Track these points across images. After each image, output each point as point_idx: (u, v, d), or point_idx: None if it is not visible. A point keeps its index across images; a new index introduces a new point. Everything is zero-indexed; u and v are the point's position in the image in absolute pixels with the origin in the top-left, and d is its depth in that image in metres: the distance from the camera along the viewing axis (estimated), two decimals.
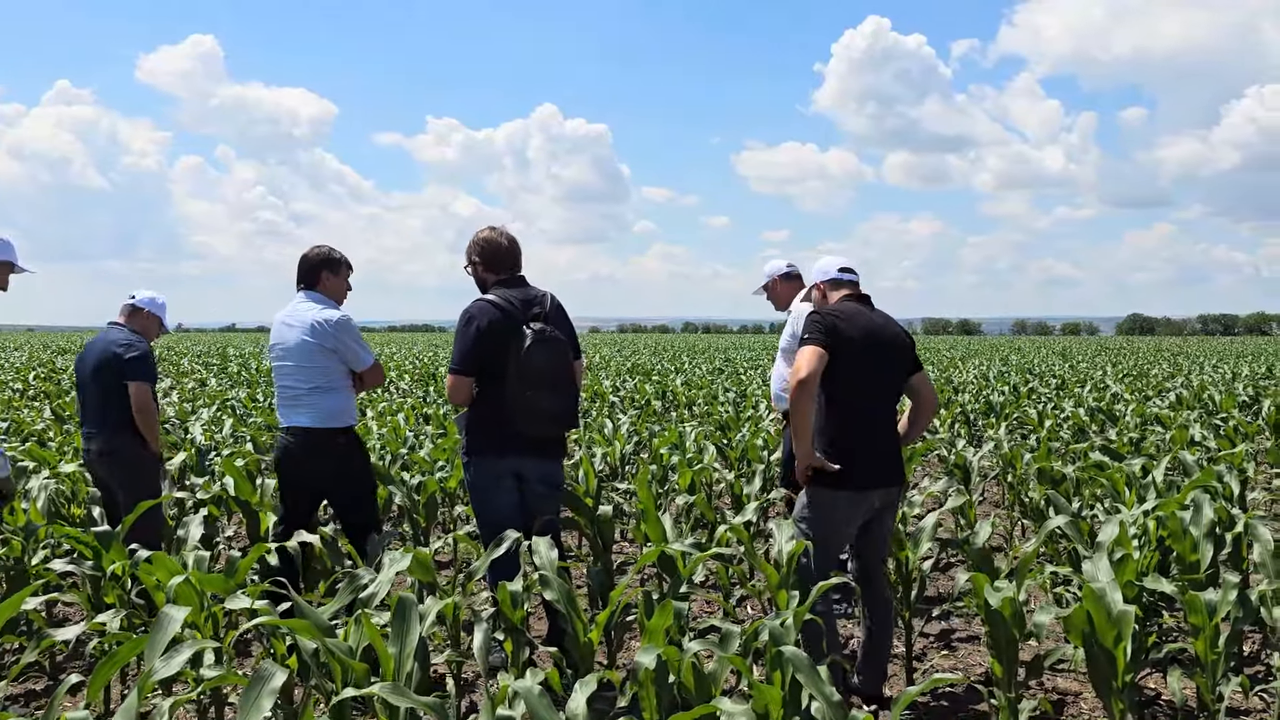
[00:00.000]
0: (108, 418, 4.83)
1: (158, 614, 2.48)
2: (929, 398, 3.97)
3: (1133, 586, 3.47)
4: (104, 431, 4.84)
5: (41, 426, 9.32)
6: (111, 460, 4.85)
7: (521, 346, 4.01)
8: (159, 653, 2.30)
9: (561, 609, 3.21)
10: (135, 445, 4.84)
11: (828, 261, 4.01)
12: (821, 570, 3.66)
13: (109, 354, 4.84)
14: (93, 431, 4.90)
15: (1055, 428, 9.62)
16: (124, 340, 4.89)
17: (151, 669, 2.26)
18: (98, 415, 4.88)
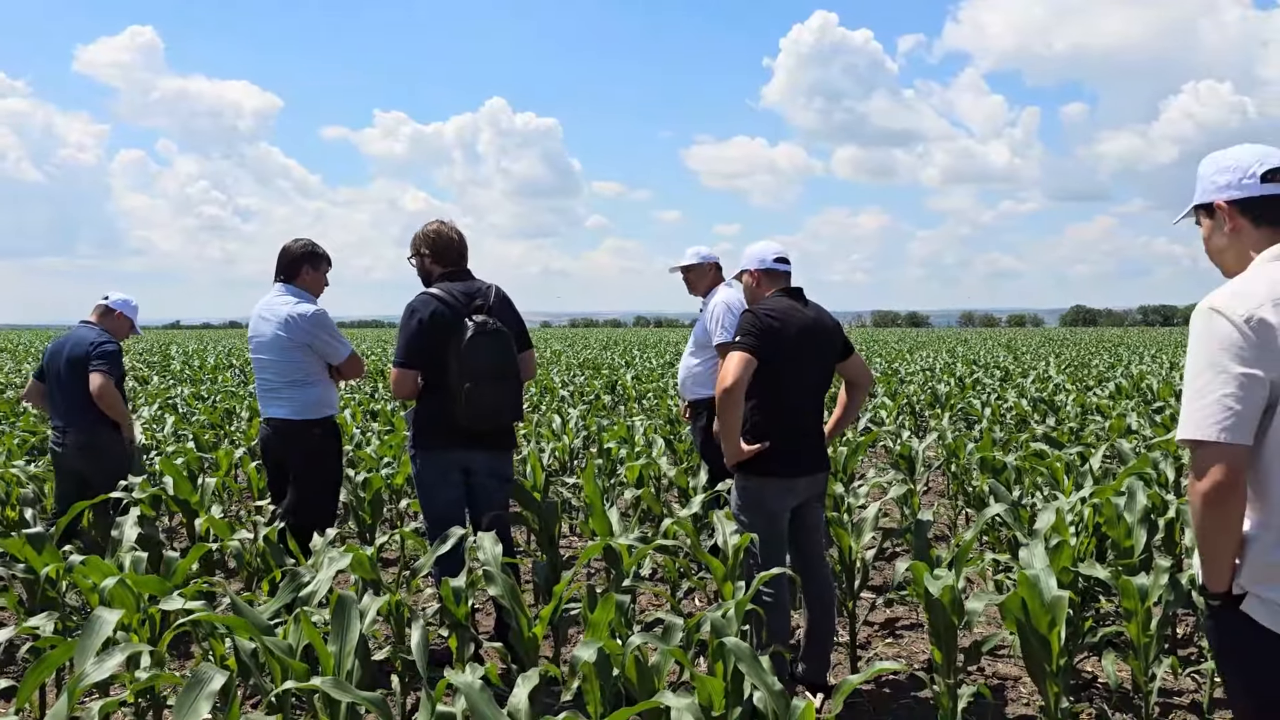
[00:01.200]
0: (85, 412, 4.99)
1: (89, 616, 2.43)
2: (862, 378, 4.02)
3: (1069, 572, 3.55)
4: (81, 425, 5.01)
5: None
6: (89, 452, 5.02)
7: (463, 339, 3.99)
8: (90, 656, 2.25)
9: (506, 604, 3.20)
10: (112, 437, 5.05)
11: (763, 247, 3.95)
12: (763, 560, 3.69)
13: (81, 350, 5.02)
14: (67, 425, 5.06)
15: (998, 418, 9.78)
16: (94, 339, 5.06)
17: (82, 673, 2.22)
18: (74, 410, 5.03)
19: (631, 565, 3.30)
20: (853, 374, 4.02)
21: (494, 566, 3.26)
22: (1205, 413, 1.91)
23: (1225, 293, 1.98)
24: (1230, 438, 1.88)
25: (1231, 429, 1.88)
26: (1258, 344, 1.88)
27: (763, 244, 3.98)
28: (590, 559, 5.39)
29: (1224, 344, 1.91)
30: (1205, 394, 1.92)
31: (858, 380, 4.04)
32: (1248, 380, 1.88)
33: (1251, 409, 1.89)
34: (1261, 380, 1.88)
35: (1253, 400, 1.88)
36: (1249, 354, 1.88)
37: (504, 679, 3.16)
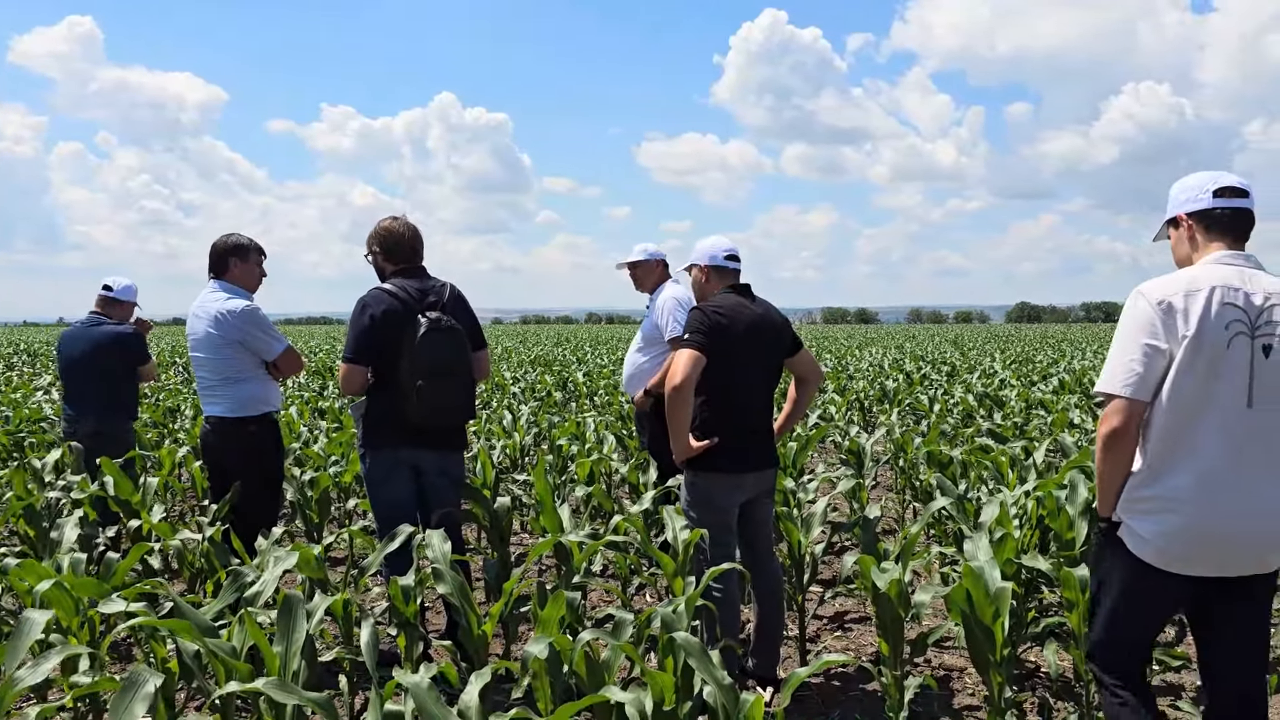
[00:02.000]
0: (102, 400, 5.43)
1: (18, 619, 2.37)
2: (811, 374, 4.03)
3: (1012, 564, 3.61)
4: (95, 413, 5.42)
5: None
6: (101, 440, 5.33)
7: (415, 335, 3.95)
8: (19, 659, 2.19)
9: (455, 602, 3.18)
10: (121, 426, 5.48)
11: (714, 243, 3.94)
12: (713, 556, 3.71)
13: (105, 344, 5.42)
14: (81, 414, 5.45)
15: (945, 413, 9.92)
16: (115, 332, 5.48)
17: (14, 677, 2.16)
18: (87, 398, 5.44)
19: (582, 562, 3.30)
20: (802, 370, 4.04)
21: (443, 564, 3.23)
22: (1117, 372, 2.39)
23: (1154, 280, 2.43)
24: (1132, 393, 2.37)
25: (1134, 387, 2.36)
26: (1163, 322, 2.34)
27: (713, 239, 3.98)
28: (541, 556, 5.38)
29: (1139, 320, 2.38)
30: (1119, 357, 2.40)
31: (807, 376, 4.07)
32: (1152, 350, 2.35)
33: (1152, 373, 2.35)
34: (1162, 351, 2.34)
35: (1154, 366, 2.35)
36: (1155, 329, 2.35)
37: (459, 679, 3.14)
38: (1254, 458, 2.34)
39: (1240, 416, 2.33)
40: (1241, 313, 2.33)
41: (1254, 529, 2.36)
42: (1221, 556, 2.39)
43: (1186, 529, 2.36)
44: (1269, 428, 2.34)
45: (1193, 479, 2.35)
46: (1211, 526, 2.35)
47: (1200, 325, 2.32)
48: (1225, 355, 2.32)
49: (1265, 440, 2.35)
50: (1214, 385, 2.33)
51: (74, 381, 5.54)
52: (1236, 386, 2.33)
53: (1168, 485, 2.38)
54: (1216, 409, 2.33)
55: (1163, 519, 2.39)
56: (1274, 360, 2.33)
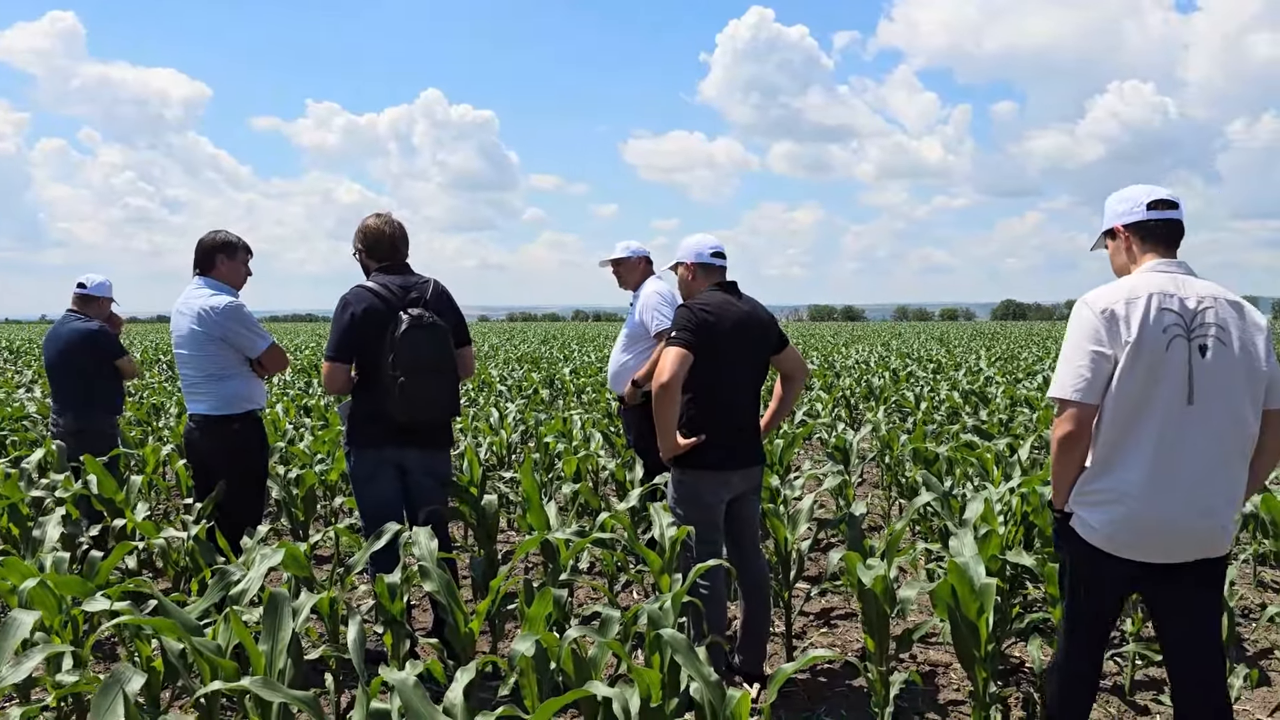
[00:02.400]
0: (78, 398, 5.49)
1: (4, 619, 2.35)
2: (797, 370, 4.04)
3: (997, 560, 3.63)
4: (74, 410, 5.49)
5: None
6: (82, 436, 5.38)
7: (397, 332, 3.94)
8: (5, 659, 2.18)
9: (442, 600, 3.18)
10: (102, 422, 5.52)
11: (700, 241, 3.94)
12: (699, 553, 3.72)
13: (74, 341, 5.47)
14: (62, 412, 5.54)
15: (931, 410, 9.96)
16: (84, 329, 5.51)
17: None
18: (69, 396, 5.51)
19: (568, 559, 3.30)
20: (788, 367, 4.05)
21: (430, 562, 3.23)
22: (1067, 379, 2.56)
23: (1096, 290, 2.62)
24: (1082, 398, 2.53)
25: (1083, 391, 2.53)
26: (1107, 329, 2.52)
27: (699, 237, 3.99)
28: (527, 554, 5.38)
29: (1085, 328, 2.56)
30: (1069, 364, 2.57)
31: (793, 373, 4.08)
32: (1098, 356, 2.51)
33: (1100, 378, 2.52)
34: (1108, 356, 2.51)
35: (1101, 371, 2.52)
36: (1100, 336, 2.52)
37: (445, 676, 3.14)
38: (1196, 451, 2.51)
39: (1182, 413, 2.51)
40: (1178, 317, 2.52)
41: (1195, 519, 2.54)
42: (1166, 545, 2.57)
43: (1132, 519, 2.54)
44: (1208, 422, 2.51)
45: (1139, 474, 2.52)
46: (1156, 517, 2.53)
47: (1140, 331, 2.49)
48: (1165, 357, 2.50)
49: (1205, 434, 2.51)
50: (1155, 386, 2.50)
51: (54, 380, 5.62)
52: (1176, 386, 2.50)
53: (1116, 479, 2.56)
54: (1159, 408, 2.51)
55: (1110, 509, 2.57)
56: (1209, 359, 2.51)
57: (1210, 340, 2.51)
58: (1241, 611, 4.75)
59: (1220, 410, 2.51)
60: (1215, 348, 2.51)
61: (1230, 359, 2.52)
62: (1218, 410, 2.51)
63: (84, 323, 5.54)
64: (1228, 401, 2.52)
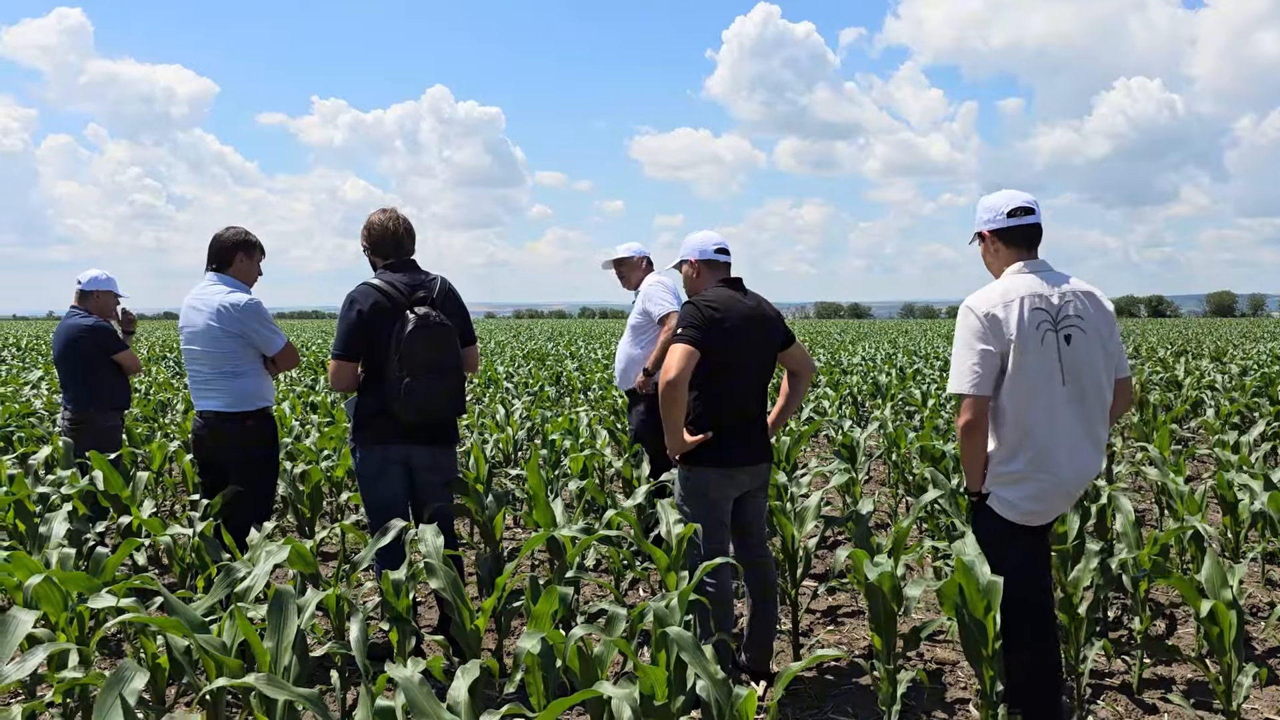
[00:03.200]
0: (75, 394, 5.55)
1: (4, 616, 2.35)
2: (804, 367, 4.04)
3: None
4: (73, 406, 5.55)
5: None
6: (81, 430, 5.48)
7: (403, 331, 3.94)
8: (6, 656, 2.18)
9: (447, 597, 3.17)
10: (104, 416, 5.57)
11: (703, 238, 3.92)
12: (706, 551, 3.71)
13: (69, 337, 5.53)
14: (65, 406, 5.63)
15: (938, 407, 9.93)
16: (78, 325, 5.55)
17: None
18: (71, 390, 5.58)
19: (574, 557, 3.29)
20: (795, 363, 4.04)
21: (435, 559, 3.22)
22: (963, 375, 2.96)
23: (976, 295, 3.03)
24: (977, 391, 2.94)
25: (977, 385, 2.94)
26: (990, 330, 2.93)
27: (703, 234, 3.97)
28: (533, 551, 5.37)
29: (971, 330, 2.96)
30: (962, 363, 2.97)
31: (800, 369, 4.07)
32: (985, 353, 2.93)
33: (989, 372, 2.94)
34: (994, 354, 2.93)
35: (989, 366, 2.94)
36: (986, 336, 2.93)
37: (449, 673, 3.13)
38: (1073, 423, 2.98)
39: (1059, 394, 2.96)
40: (1046, 313, 2.95)
41: (1082, 480, 3.04)
42: (1061, 506, 3.09)
43: (1043, 491, 3.00)
44: (1078, 398, 2.98)
45: (1039, 451, 2.96)
46: (1057, 484, 2.99)
47: (1019, 329, 2.92)
48: (1040, 349, 2.94)
49: (1077, 408, 2.98)
50: (1037, 374, 2.94)
51: (59, 374, 5.70)
52: (1052, 371, 2.95)
53: (1024, 459, 2.99)
54: (1043, 392, 2.95)
55: (1025, 485, 3.00)
56: (1074, 346, 2.96)
57: (1073, 330, 2.96)
58: (1250, 610, 4.72)
59: (1085, 387, 2.98)
60: (1077, 335, 2.97)
61: (1088, 343, 2.98)
62: (1083, 387, 2.98)
63: (82, 318, 5.57)
64: (1090, 378, 2.99)
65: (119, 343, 5.63)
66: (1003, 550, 3.04)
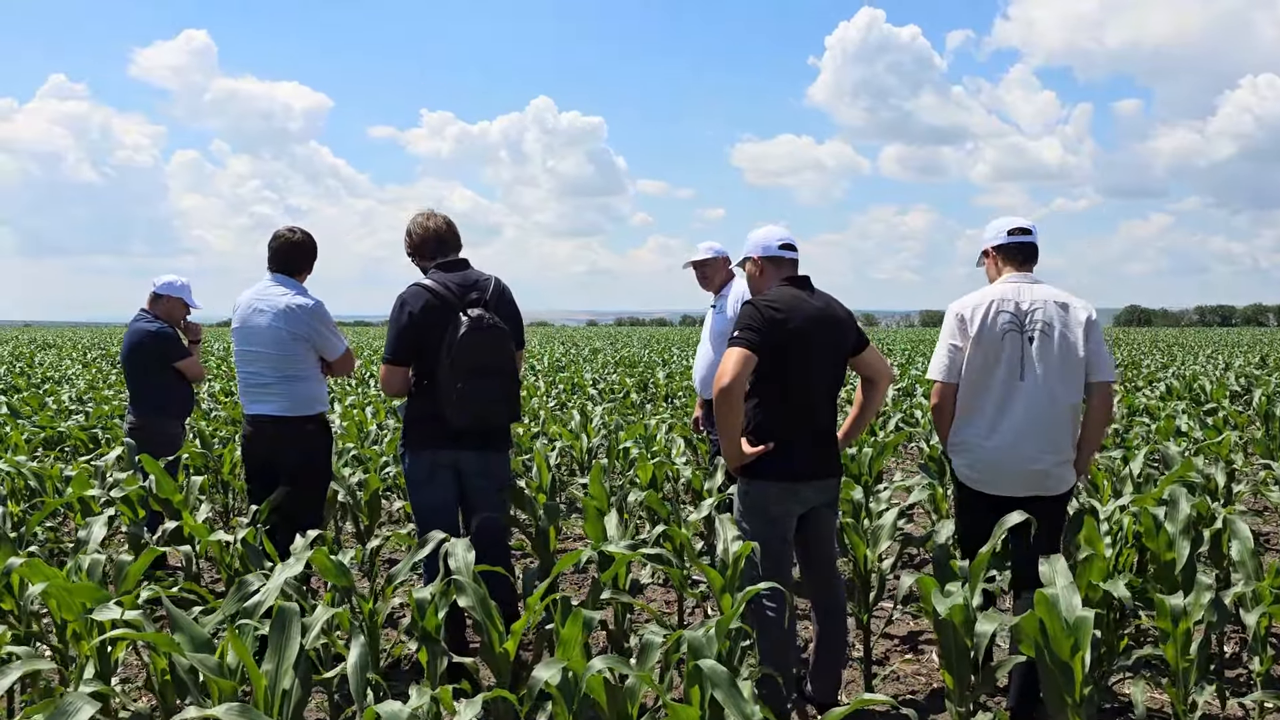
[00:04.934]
0: (136, 397, 5.47)
1: None
2: (880, 374, 3.72)
3: (1097, 589, 3.21)
4: (134, 410, 5.48)
5: None
6: (140, 435, 5.34)
7: (456, 334, 3.76)
8: None
9: (477, 616, 2.95)
10: (163, 422, 5.44)
11: (767, 233, 3.65)
12: (764, 571, 3.43)
13: (133, 341, 5.44)
14: (128, 409, 5.57)
15: None
16: (142, 329, 5.43)
17: None
18: (133, 393, 5.51)
19: (609, 577, 3.04)
20: (869, 370, 3.72)
21: (465, 575, 3.01)
22: (938, 364, 3.54)
23: (962, 298, 3.56)
24: (943, 378, 3.53)
25: (944, 373, 3.52)
26: (959, 328, 3.49)
27: (766, 229, 3.69)
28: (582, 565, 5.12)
29: (947, 328, 3.55)
30: (937, 354, 3.55)
31: (874, 376, 3.74)
32: (954, 348, 3.50)
33: (956, 364, 3.49)
34: (960, 348, 3.48)
35: (956, 359, 3.49)
36: (954, 333, 3.50)
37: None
38: (1021, 413, 3.40)
39: (1013, 387, 3.40)
40: (1013, 317, 3.41)
41: (1021, 464, 3.41)
42: (1001, 481, 3.46)
43: (977, 462, 3.48)
44: (1031, 393, 3.39)
45: (980, 430, 3.46)
46: (991, 461, 3.44)
47: (979, 329, 3.42)
48: (1000, 347, 3.41)
49: (1029, 402, 3.39)
50: (993, 367, 3.42)
51: (126, 378, 5.64)
52: (1010, 368, 3.40)
53: (966, 434, 3.50)
54: (996, 383, 3.43)
55: (965, 455, 3.51)
56: (1035, 347, 3.39)
57: (1037, 334, 3.39)
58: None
59: (1041, 383, 3.38)
60: (1040, 339, 3.39)
61: (1051, 346, 3.39)
62: (1039, 384, 3.38)
63: (147, 323, 5.46)
64: (1046, 377, 3.38)
65: (182, 349, 5.51)
66: (962, 507, 3.64)
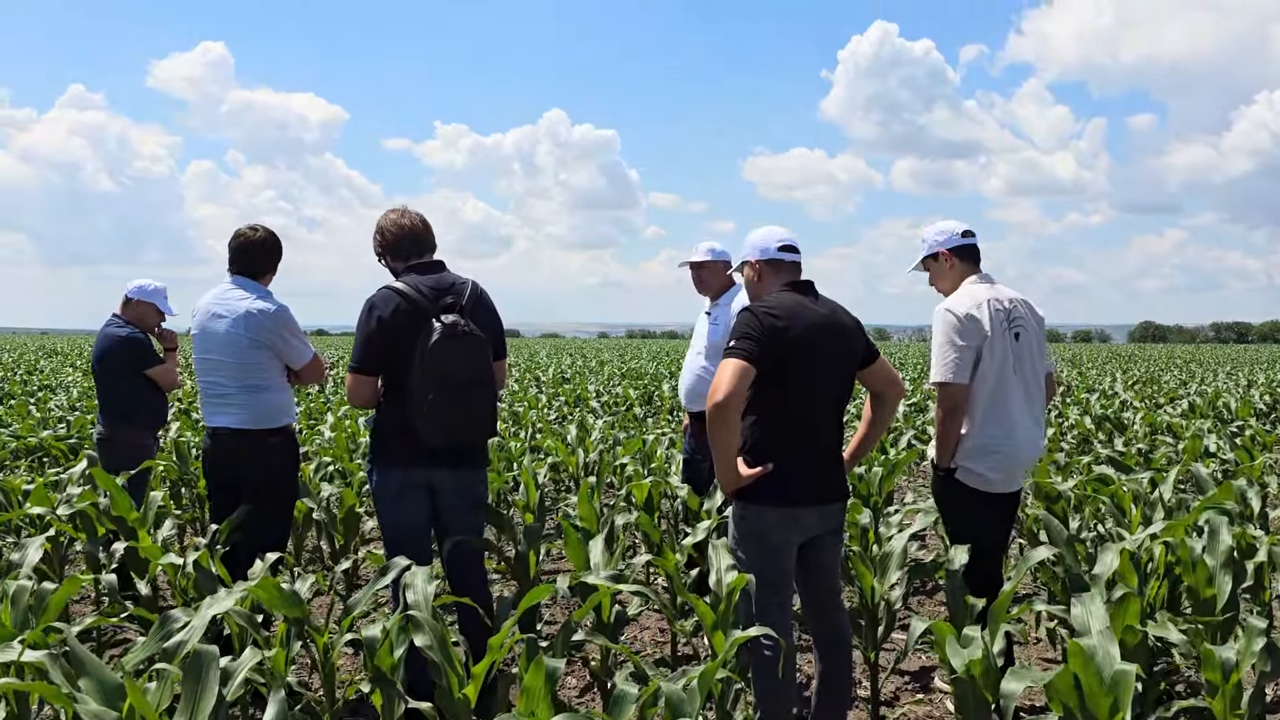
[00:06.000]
0: (104, 406, 5.12)
1: None
2: (890, 388, 3.39)
3: (1135, 632, 2.86)
4: (102, 419, 5.13)
5: None
6: (107, 446, 5.06)
7: (428, 341, 3.45)
8: None
9: (435, 658, 2.63)
10: (127, 432, 5.05)
11: (766, 234, 3.32)
12: (759, 606, 3.10)
13: (101, 346, 5.10)
14: (97, 419, 5.21)
15: (1058, 436, 9.00)
16: (111, 335, 5.07)
17: None
18: (101, 402, 5.16)
19: (583, 614, 2.71)
20: (878, 383, 3.38)
21: (423, 610, 2.68)
22: (947, 366, 3.48)
23: (953, 300, 3.57)
24: (955, 379, 3.47)
25: (957, 374, 3.47)
26: (971, 329, 3.47)
27: (765, 230, 3.36)
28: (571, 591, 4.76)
29: (952, 328, 3.49)
30: (944, 357, 3.49)
31: (884, 391, 3.41)
32: (964, 348, 3.46)
33: (966, 363, 3.47)
34: (971, 348, 3.46)
35: (966, 359, 3.47)
36: (965, 333, 3.47)
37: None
38: (1023, 405, 3.56)
39: (1012, 381, 3.53)
40: (1004, 314, 3.53)
41: (1033, 452, 3.60)
42: (1019, 475, 3.60)
43: (1004, 462, 3.51)
44: (1025, 384, 3.57)
45: (1001, 428, 3.50)
46: (1016, 456, 3.53)
47: (991, 328, 3.48)
48: (1001, 343, 3.50)
49: (1025, 392, 3.57)
50: (999, 365, 3.50)
51: (95, 386, 5.29)
52: (1009, 363, 3.52)
53: (985, 437, 3.51)
54: (1003, 380, 3.51)
55: (984, 459, 3.51)
56: (1021, 342, 3.56)
57: (1019, 329, 3.56)
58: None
59: (1028, 376, 3.59)
60: (1022, 334, 3.57)
61: (1030, 339, 3.60)
62: (1027, 376, 3.58)
63: (117, 328, 5.11)
64: (1032, 368, 3.60)
65: (154, 357, 5.16)
66: (973, 518, 3.58)
